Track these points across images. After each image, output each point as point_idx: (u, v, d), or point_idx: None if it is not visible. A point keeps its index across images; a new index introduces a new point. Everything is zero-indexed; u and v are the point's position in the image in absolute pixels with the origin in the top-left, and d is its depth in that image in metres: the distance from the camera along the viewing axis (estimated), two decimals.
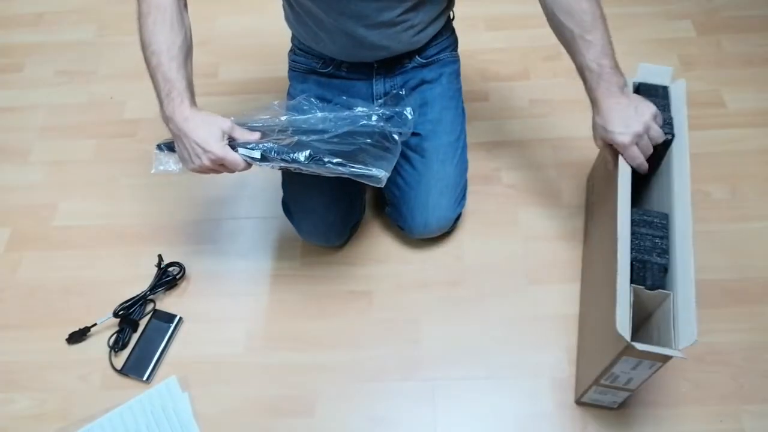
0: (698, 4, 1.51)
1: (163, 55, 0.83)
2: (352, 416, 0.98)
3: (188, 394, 1.00)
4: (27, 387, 1.03)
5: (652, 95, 0.92)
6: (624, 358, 0.77)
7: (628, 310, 0.75)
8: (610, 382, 0.85)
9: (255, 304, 1.10)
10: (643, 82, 0.94)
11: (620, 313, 0.74)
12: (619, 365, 0.79)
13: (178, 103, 0.83)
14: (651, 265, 0.79)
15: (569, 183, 1.21)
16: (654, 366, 0.77)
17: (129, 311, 1.08)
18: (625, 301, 0.75)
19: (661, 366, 0.77)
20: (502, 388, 0.99)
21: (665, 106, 0.90)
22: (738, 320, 1.03)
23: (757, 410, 0.95)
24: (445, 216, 1.07)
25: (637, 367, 0.79)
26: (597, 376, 0.86)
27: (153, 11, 0.83)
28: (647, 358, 0.76)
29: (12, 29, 1.60)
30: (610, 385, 0.86)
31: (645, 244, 0.81)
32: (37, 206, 1.25)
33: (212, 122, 0.84)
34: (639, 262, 0.80)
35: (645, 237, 0.82)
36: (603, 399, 0.93)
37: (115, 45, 1.53)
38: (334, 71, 1.07)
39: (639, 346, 0.72)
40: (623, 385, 0.85)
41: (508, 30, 1.48)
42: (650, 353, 0.73)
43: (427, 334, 1.05)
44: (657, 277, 0.79)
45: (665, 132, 0.86)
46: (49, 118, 1.40)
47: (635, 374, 0.81)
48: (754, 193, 1.17)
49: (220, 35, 1.54)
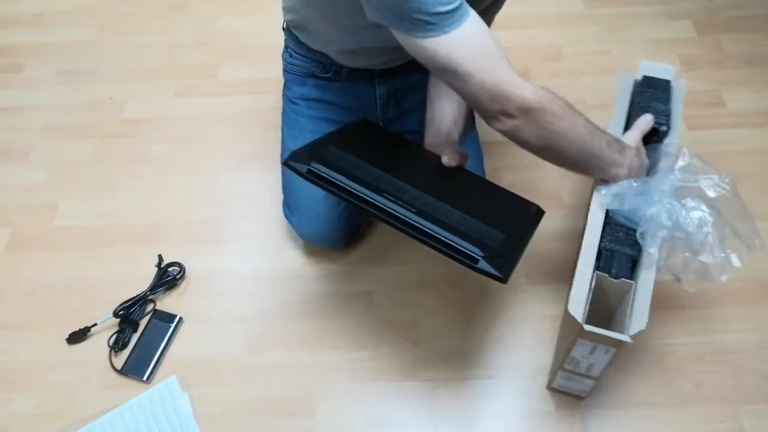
0: (698, 4, 1.51)
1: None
2: (352, 416, 0.98)
3: (188, 394, 1.00)
4: (27, 387, 1.03)
5: (654, 87, 0.93)
6: (579, 341, 0.78)
7: (585, 293, 0.76)
8: (572, 367, 0.87)
9: (255, 304, 1.10)
10: (647, 75, 0.95)
11: (575, 294, 0.76)
12: (576, 349, 0.81)
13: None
14: (619, 255, 0.80)
15: (569, 183, 1.21)
16: (609, 351, 0.78)
17: (129, 311, 1.08)
18: (583, 284, 0.77)
19: (615, 352, 0.78)
20: (501, 388, 0.99)
21: (665, 99, 0.91)
22: (738, 320, 1.03)
23: (757, 410, 0.95)
24: None
25: (594, 352, 0.80)
26: (561, 360, 0.88)
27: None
28: (600, 342, 0.77)
29: (12, 29, 1.60)
30: (573, 370, 0.88)
31: (618, 235, 0.82)
32: (37, 206, 1.25)
33: None
34: (608, 251, 0.81)
35: (620, 228, 0.82)
36: (571, 386, 0.94)
37: (115, 45, 1.53)
38: (334, 76, 1.06)
39: (587, 328, 0.74)
40: (585, 371, 0.86)
41: (508, 30, 1.48)
42: (601, 336, 0.75)
43: (427, 334, 1.05)
44: (623, 268, 0.79)
45: (661, 123, 0.88)
46: (49, 118, 1.40)
47: (594, 360, 0.82)
48: (754, 193, 1.16)
49: (220, 35, 1.54)
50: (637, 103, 0.92)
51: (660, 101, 0.91)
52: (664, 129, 0.88)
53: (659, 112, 0.89)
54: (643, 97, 0.92)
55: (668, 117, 0.89)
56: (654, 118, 0.88)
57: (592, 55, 1.43)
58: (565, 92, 1.35)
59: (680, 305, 1.05)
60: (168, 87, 1.43)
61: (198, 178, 1.27)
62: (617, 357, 0.79)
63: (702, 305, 1.05)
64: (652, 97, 0.91)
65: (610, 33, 1.47)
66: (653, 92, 0.91)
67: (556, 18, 1.50)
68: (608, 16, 1.51)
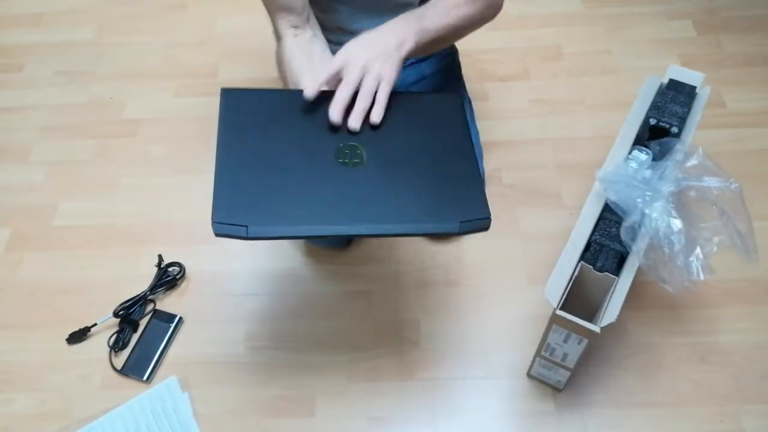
0: (698, 4, 1.51)
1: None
2: (352, 416, 0.98)
3: (188, 394, 1.00)
4: (27, 387, 1.03)
5: (677, 91, 0.93)
6: (554, 327, 0.79)
7: (564, 280, 0.77)
8: (548, 354, 0.88)
9: (255, 304, 1.10)
10: (673, 79, 0.95)
11: (554, 279, 0.76)
12: (551, 335, 0.82)
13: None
14: (608, 249, 0.80)
15: (569, 183, 1.21)
16: (582, 342, 0.79)
17: (129, 311, 1.08)
18: (564, 270, 0.77)
19: (586, 342, 0.79)
20: (501, 388, 0.99)
21: (685, 103, 0.91)
22: (738, 320, 1.03)
23: (757, 410, 0.95)
24: None
25: (567, 341, 0.81)
26: (538, 346, 0.89)
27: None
28: (572, 330, 0.78)
29: (12, 29, 1.60)
30: (549, 358, 0.89)
31: (611, 230, 0.82)
32: (37, 206, 1.25)
33: None
34: (597, 245, 0.81)
35: (614, 224, 0.82)
36: (548, 375, 0.95)
37: (115, 45, 1.53)
38: None
39: (559, 313, 0.75)
40: (561, 360, 0.87)
41: (507, 30, 1.48)
42: (572, 323, 0.75)
43: (427, 334, 1.05)
44: (610, 263, 0.79)
45: (671, 124, 0.87)
46: (49, 118, 1.40)
47: (568, 349, 0.83)
48: (754, 193, 1.16)
49: (220, 35, 1.54)
50: (655, 103, 0.92)
51: (679, 104, 0.91)
52: (674, 131, 0.88)
53: (675, 115, 0.89)
54: (664, 98, 0.92)
55: (683, 121, 0.89)
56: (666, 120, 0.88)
57: (592, 55, 1.43)
58: (565, 92, 1.36)
59: (680, 305, 1.05)
60: (168, 87, 1.43)
61: (198, 178, 1.27)
62: (592, 350, 0.80)
63: (702, 305, 1.05)
64: (673, 100, 0.91)
65: (610, 33, 1.47)
66: (675, 95, 0.91)
67: (556, 18, 1.50)
68: (608, 16, 1.51)
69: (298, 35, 0.86)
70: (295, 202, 0.70)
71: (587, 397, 0.97)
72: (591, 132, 1.28)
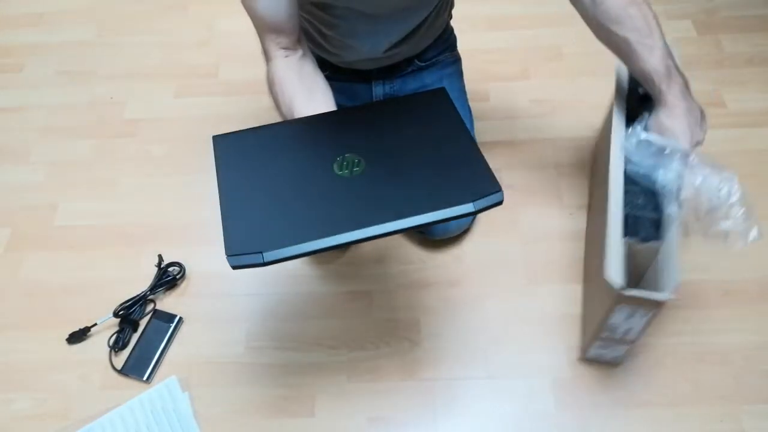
0: (698, 4, 1.51)
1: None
2: (352, 416, 0.98)
3: (188, 394, 1.00)
4: (27, 387, 1.03)
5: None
6: (619, 306, 0.79)
7: (621, 260, 0.77)
8: (609, 333, 0.88)
9: (255, 304, 1.10)
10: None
11: (612, 261, 0.76)
12: (614, 316, 0.82)
13: None
14: (643, 220, 0.81)
15: (569, 183, 1.21)
16: (648, 315, 0.80)
17: (129, 311, 1.08)
18: (617, 251, 0.77)
19: (654, 314, 0.79)
20: (502, 388, 0.99)
21: None
22: (738, 320, 1.03)
23: (757, 410, 0.95)
24: None
25: (633, 316, 0.81)
26: (596, 329, 0.88)
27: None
28: (640, 305, 0.78)
29: (12, 29, 1.60)
30: (609, 337, 0.89)
31: (638, 201, 0.82)
32: (37, 206, 1.25)
33: None
34: (632, 218, 0.81)
35: (638, 194, 0.83)
36: (605, 354, 0.95)
37: (115, 45, 1.53)
38: (330, 74, 1.06)
39: (628, 292, 0.74)
40: (623, 336, 0.87)
41: (508, 30, 1.48)
42: (641, 299, 0.75)
43: (427, 334, 1.05)
44: (649, 231, 0.80)
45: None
46: (49, 118, 1.40)
47: (632, 323, 0.83)
48: (754, 193, 1.16)
49: (220, 35, 1.54)
50: (635, 89, 0.93)
51: None
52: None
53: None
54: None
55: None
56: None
57: (592, 55, 1.43)
58: (565, 92, 1.36)
59: (680, 305, 1.05)
60: (168, 87, 1.43)
61: (198, 178, 1.27)
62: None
63: (702, 305, 1.05)
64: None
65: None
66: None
67: (556, 18, 1.49)
68: None
69: (289, 56, 0.86)
70: (305, 220, 0.70)
71: (587, 397, 0.97)
72: (591, 132, 1.28)
